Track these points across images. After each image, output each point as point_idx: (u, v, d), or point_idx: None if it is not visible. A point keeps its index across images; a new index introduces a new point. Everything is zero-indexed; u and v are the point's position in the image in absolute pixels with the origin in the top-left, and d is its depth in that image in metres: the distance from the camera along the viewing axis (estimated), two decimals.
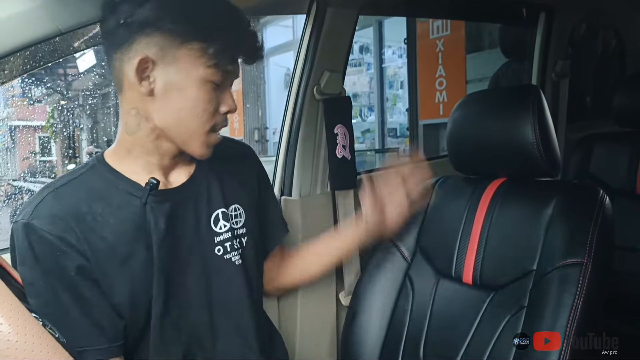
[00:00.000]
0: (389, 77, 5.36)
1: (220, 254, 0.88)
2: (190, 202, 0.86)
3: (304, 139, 1.27)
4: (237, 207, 0.93)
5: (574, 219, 0.91)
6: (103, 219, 0.77)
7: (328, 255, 1.12)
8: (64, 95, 4.10)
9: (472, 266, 1.00)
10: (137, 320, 0.80)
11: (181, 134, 0.81)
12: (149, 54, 0.75)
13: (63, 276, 0.74)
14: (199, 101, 0.78)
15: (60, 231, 0.73)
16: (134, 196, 0.80)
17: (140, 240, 0.79)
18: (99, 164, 0.82)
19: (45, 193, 0.77)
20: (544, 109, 0.97)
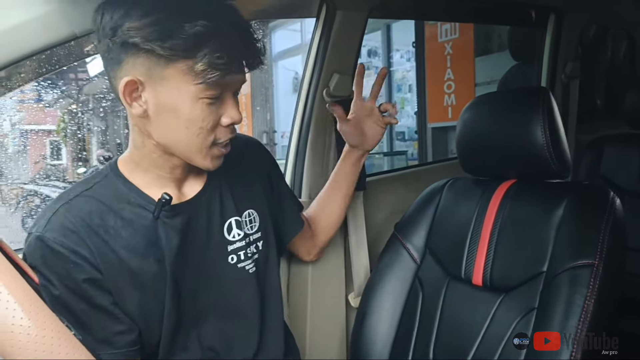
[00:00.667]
0: (397, 81, 5.35)
1: (234, 263, 0.88)
2: (203, 213, 0.86)
3: (314, 140, 1.27)
4: (250, 212, 0.93)
5: (584, 220, 0.90)
6: (115, 232, 0.77)
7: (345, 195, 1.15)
8: (75, 99, 4.14)
9: (482, 268, 1.00)
10: (150, 330, 0.81)
11: (182, 151, 0.79)
12: (136, 75, 0.73)
13: (76, 287, 0.74)
14: (193, 120, 0.75)
15: (72, 244, 0.74)
16: (146, 210, 0.80)
17: (152, 254, 0.79)
18: (112, 173, 0.82)
19: (58, 205, 0.77)
20: (553, 111, 0.97)
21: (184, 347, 0.85)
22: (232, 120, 0.79)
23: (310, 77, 1.26)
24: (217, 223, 0.87)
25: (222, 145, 0.80)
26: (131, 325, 0.78)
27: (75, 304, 0.74)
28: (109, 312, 0.76)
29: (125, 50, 0.72)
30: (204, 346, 0.86)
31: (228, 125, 0.79)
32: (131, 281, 0.78)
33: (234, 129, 0.82)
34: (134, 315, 0.79)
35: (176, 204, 0.82)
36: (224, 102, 0.78)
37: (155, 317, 0.80)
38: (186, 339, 0.85)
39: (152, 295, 0.79)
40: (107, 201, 0.79)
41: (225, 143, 0.81)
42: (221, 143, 0.80)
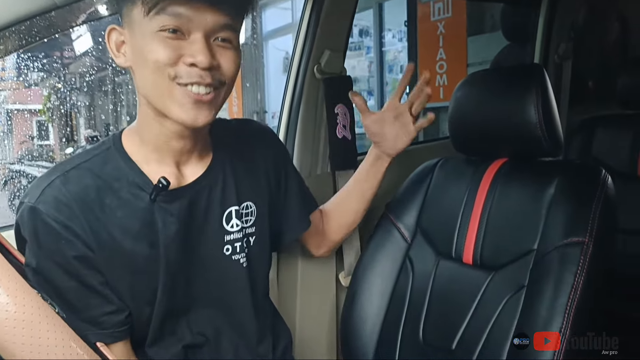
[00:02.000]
0: (389, 61, 5.32)
1: (229, 254, 0.86)
2: (202, 199, 0.83)
3: (304, 118, 1.26)
4: (249, 204, 0.89)
5: (576, 198, 0.90)
6: (110, 211, 0.75)
7: (362, 194, 1.09)
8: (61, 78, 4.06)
9: (472, 246, 1.00)
10: (139, 313, 0.79)
11: (153, 97, 0.73)
12: (116, 25, 0.74)
13: (66, 264, 0.72)
14: (153, 52, 0.70)
15: (65, 218, 0.72)
16: (143, 191, 0.77)
17: (146, 238, 0.77)
18: (114, 147, 0.79)
19: (53, 176, 0.74)
20: (547, 89, 0.96)
21: (172, 332, 0.84)
22: (192, 60, 0.70)
23: (300, 54, 1.24)
24: (217, 211, 0.85)
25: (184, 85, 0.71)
26: (120, 305, 0.77)
27: (63, 281, 0.72)
28: (98, 292, 0.75)
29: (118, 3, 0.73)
30: (194, 332, 0.85)
31: (190, 65, 0.70)
32: (122, 262, 0.76)
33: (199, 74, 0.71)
34: (124, 296, 0.77)
35: (175, 189, 0.79)
36: (190, 43, 0.70)
37: (145, 300, 0.79)
38: (175, 323, 0.84)
39: (143, 279, 0.78)
40: (105, 177, 0.76)
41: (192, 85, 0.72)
42: (183, 83, 0.71)
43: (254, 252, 0.90)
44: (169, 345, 0.83)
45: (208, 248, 0.84)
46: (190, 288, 0.84)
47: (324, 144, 1.29)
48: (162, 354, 0.82)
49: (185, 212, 0.80)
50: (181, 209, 0.80)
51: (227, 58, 0.74)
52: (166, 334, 0.83)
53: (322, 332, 1.33)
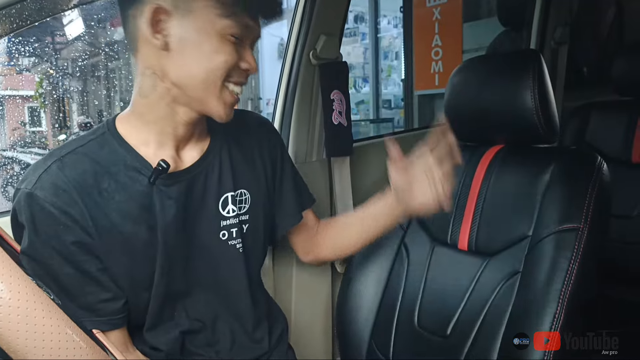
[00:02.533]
0: (384, 48, 5.29)
1: (225, 239, 0.86)
2: (199, 183, 0.83)
3: (300, 104, 1.24)
4: (244, 191, 0.89)
5: (571, 185, 0.90)
6: (109, 195, 0.74)
7: (364, 230, 1.00)
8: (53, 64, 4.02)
9: (467, 233, 1.00)
10: (137, 298, 0.79)
11: (197, 89, 0.76)
12: (162, 4, 0.71)
13: (64, 250, 0.72)
14: (216, 54, 0.74)
15: (63, 204, 0.71)
16: (141, 174, 0.76)
17: (145, 221, 0.77)
18: (109, 132, 0.78)
19: (50, 162, 0.73)
20: (544, 75, 0.96)
21: (170, 317, 0.84)
22: (249, 66, 0.78)
23: (296, 39, 1.23)
24: (213, 196, 0.85)
25: (234, 84, 0.78)
26: (117, 292, 0.77)
27: (60, 267, 0.72)
28: (95, 279, 0.75)
29: None
30: (191, 317, 0.85)
31: (244, 70, 0.78)
32: (121, 247, 0.75)
33: (247, 77, 0.80)
34: (122, 281, 0.77)
35: (173, 172, 0.79)
36: (244, 48, 0.77)
37: (143, 285, 0.79)
38: (172, 309, 0.84)
39: (141, 262, 0.78)
40: (102, 161, 0.75)
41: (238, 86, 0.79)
42: (233, 82, 0.78)
43: (248, 239, 0.90)
44: (166, 330, 0.83)
45: (204, 232, 0.84)
46: (188, 272, 0.84)
47: (319, 131, 1.29)
48: (160, 339, 0.83)
49: (183, 196, 0.80)
50: (179, 192, 0.80)
51: None
52: (164, 319, 0.83)
53: (318, 319, 1.34)
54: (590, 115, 1.63)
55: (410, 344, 1.01)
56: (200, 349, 0.87)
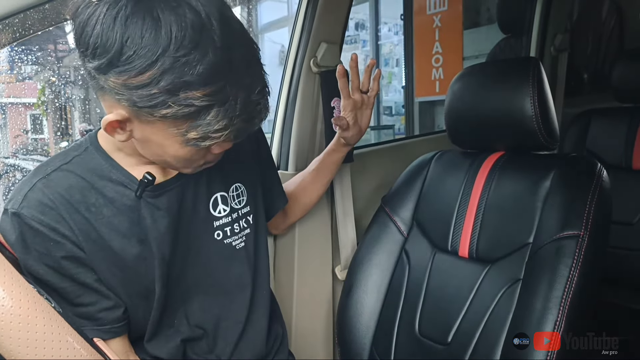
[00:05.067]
0: (385, 55, 5.30)
1: (220, 239, 0.86)
2: (189, 190, 0.83)
3: (301, 112, 1.25)
4: (238, 185, 0.90)
5: (571, 192, 0.90)
6: (97, 210, 0.74)
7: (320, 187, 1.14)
8: (55, 72, 4.03)
9: (468, 240, 1.00)
10: (135, 308, 0.79)
11: (161, 163, 0.75)
12: (121, 113, 0.64)
13: (57, 265, 0.71)
14: (180, 157, 0.70)
15: (52, 221, 0.71)
16: (128, 189, 0.76)
17: (135, 235, 0.76)
18: (92, 147, 0.77)
19: (35, 180, 0.73)
20: (543, 82, 0.96)
21: (170, 325, 0.84)
22: (222, 149, 0.73)
23: (297, 47, 1.23)
24: (204, 199, 0.85)
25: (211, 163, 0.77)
26: (117, 301, 0.77)
27: (57, 282, 0.72)
28: (93, 289, 0.75)
29: (110, 89, 0.61)
30: (192, 324, 0.85)
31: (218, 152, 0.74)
32: (113, 261, 0.75)
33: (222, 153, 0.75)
34: (118, 293, 0.77)
35: (160, 183, 0.79)
36: None
37: (139, 296, 0.79)
38: (173, 316, 0.84)
39: (135, 275, 0.77)
40: (87, 177, 0.75)
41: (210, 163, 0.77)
42: (211, 163, 0.77)
43: (253, 229, 0.91)
44: (167, 339, 0.83)
45: (199, 236, 0.84)
46: (187, 279, 0.84)
47: (320, 138, 1.29)
48: (161, 349, 0.83)
49: (174, 205, 0.80)
50: (170, 202, 0.79)
51: None
52: (164, 327, 0.83)
53: (318, 325, 1.33)
54: (591, 122, 1.63)
55: (411, 351, 1.01)
56: (201, 356, 0.86)
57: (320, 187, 1.15)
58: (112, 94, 0.61)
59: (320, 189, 1.15)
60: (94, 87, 0.64)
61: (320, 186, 1.14)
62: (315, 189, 1.15)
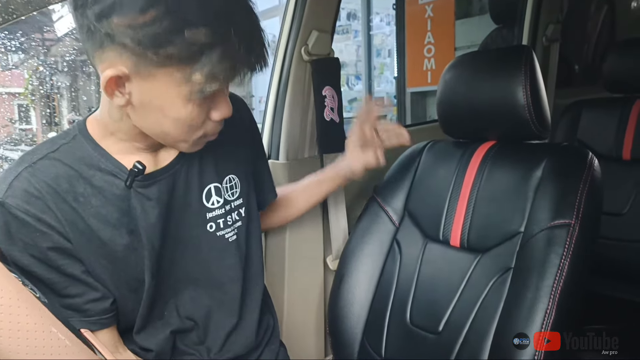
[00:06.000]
0: (377, 45, 5.28)
1: (213, 231, 0.85)
2: (180, 180, 0.81)
3: (292, 101, 1.24)
4: (232, 177, 0.88)
5: (563, 181, 0.90)
6: (85, 200, 0.72)
7: (313, 196, 1.12)
8: (42, 61, 3.97)
9: (459, 229, 1.00)
10: (124, 300, 0.78)
11: (165, 140, 0.74)
12: (121, 68, 0.63)
13: (43, 257, 0.70)
14: (181, 119, 0.69)
15: (38, 211, 0.69)
16: (117, 178, 0.74)
17: (124, 225, 0.75)
18: (80, 134, 0.75)
19: (20, 168, 0.71)
20: (535, 70, 0.96)
21: (160, 316, 0.83)
22: (222, 116, 0.73)
23: (287, 35, 1.22)
24: (196, 190, 0.83)
25: (209, 136, 0.76)
26: (105, 292, 0.75)
27: (43, 273, 0.70)
28: (81, 280, 0.73)
29: (110, 40, 0.62)
30: (182, 316, 0.84)
31: (218, 120, 0.74)
32: (102, 252, 0.74)
33: (221, 123, 0.76)
34: (107, 284, 0.76)
35: (151, 172, 0.77)
36: (215, 97, 0.71)
37: (129, 288, 0.78)
38: (163, 308, 0.83)
39: (124, 267, 0.76)
40: (75, 166, 0.73)
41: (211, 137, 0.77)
42: (208, 137, 0.76)
43: (246, 222, 0.90)
44: (156, 331, 0.82)
45: (191, 227, 0.83)
46: (177, 270, 0.82)
47: (311, 127, 1.28)
48: (151, 340, 0.82)
49: (165, 195, 0.78)
50: (160, 192, 0.78)
51: None
52: (154, 319, 0.82)
53: (310, 316, 1.33)
54: (582, 112, 1.64)
55: (402, 341, 1.01)
56: (191, 348, 0.86)
57: (303, 200, 1.11)
58: (115, 43, 0.62)
59: (302, 202, 1.12)
60: (94, 46, 0.64)
61: (302, 199, 1.11)
62: (298, 201, 1.11)
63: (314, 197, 1.12)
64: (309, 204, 1.13)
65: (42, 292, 0.65)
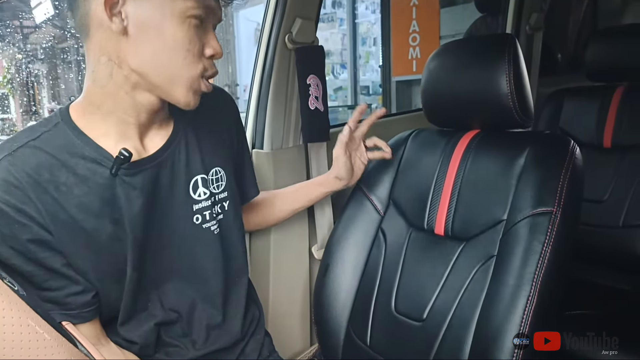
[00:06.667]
0: (362, 34, 5.26)
1: (199, 223, 0.84)
2: (166, 170, 0.80)
3: (276, 90, 1.22)
4: (217, 169, 0.87)
5: (545, 169, 0.91)
6: (67, 189, 0.70)
7: (296, 203, 1.12)
8: (21, 49, 3.88)
9: (444, 217, 1.01)
10: (107, 291, 0.77)
11: (162, 78, 0.72)
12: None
13: (23, 249, 0.68)
14: (179, 40, 0.69)
15: (17, 202, 0.67)
16: (102, 166, 0.73)
17: (108, 214, 0.73)
18: (62, 122, 0.74)
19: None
20: (519, 59, 0.96)
21: (144, 308, 0.82)
22: (214, 51, 0.74)
23: (271, 23, 1.20)
24: (182, 180, 0.82)
25: (206, 79, 0.76)
26: (86, 285, 0.74)
27: (22, 265, 0.69)
28: (61, 274, 0.72)
29: None
30: (166, 307, 0.84)
31: (210, 57, 0.74)
32: (85, 242, 0.72)
33: (214, 65, 0.77)
34: (89, 276, 0.74)
35: (137, 160, 0.75)
36: (206, 32, 0.73)
37: (112, 279, 0.77)
38: (146, 300, 0.82)
39: (108, 257, 0.75)
40: (57, 154, 0.71)
41: (208, 78, 0.76)
42: (207, 76, 0.75)
43: (229, 216, 0.89)
44: (140, 323, 0.82)
45: (177, 219, 0.82)
46: (161, 262, 0.82)
47: (296, 116, 1.27)
48: (134, 332, 0.81)
49: (149, 185, 0.77)
50: (145, 181, 0.76)
51: None
52: (138, 311, 0.81)
53: (295, 305, 1.34)
54: (564, 101, 1.65)
55: (387, 328, 1.01)
56: (175, 340, 0.85)
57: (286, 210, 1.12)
58: None
59: (285, 212, 1.12)
60: None
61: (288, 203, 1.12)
62: (283, 205, 1.11)
63: (299, 201, 1.12)
64: (294, 207, 1.12)
65: (21, 285, 0.64)
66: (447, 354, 0.91)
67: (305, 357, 1.36)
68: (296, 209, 1.12)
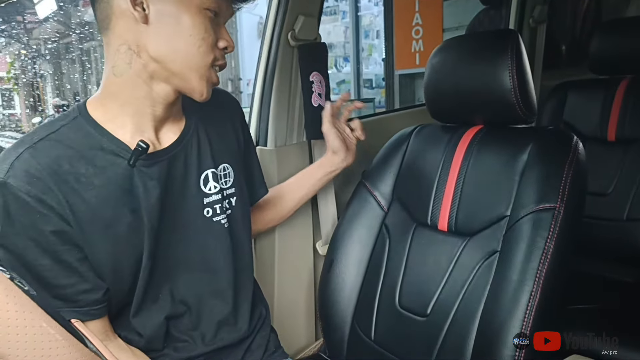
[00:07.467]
0: (365, 27, 5.24)
1: (209, 216, 0.86)
2: (179, 163, 0.83)
3: (279, 87, 1.23)
4: (226, 166, 0.90)
5: (548, 165, 0.91)
6: (87, 180, 0.72)
7: (302, 188, 1.14)
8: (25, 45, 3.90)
9: (447, 213, 1.01)
10: (121, 282, 0.78)
11: (179, 65, 0.75)
12: None
13: (42, 240, 0.70)
14: (196, 29, 0.74)
15: (39, 192, 0.69)
16: (120, 157, 0.75)
17: (127, 204, 0.75)
18: (81, 116, 0.76)
19: (21, 149, 0.70)
20: (521, 55, 0.96)
21: (155, 299, 0.83)
22: (227, 44, 0.79)
23: (274, 20, 1.20)
24: (194, 174, 0.85)
25: (218, 69, 0.80)
26: (96, 283, 0.75)
27: (37, 258, 0.70)
28: (73, 269, 0.73)
29: None
30: (176, 300, 0.85)
31: (223, 49, 0.79)
32: (104, 233, 0.74)
33: (225, 57, 0.81)
34: (105, 268, 0.76)
35: (153, 153, 0.78)
36: (219, 26, 0.78)
37: (128, 270, 0.78)
38: (158, 291, 0.83)
39: (125, 247, 0.77)
40: (76, 146, 0.73)
41: (219, 68, 0.81)
42: (218, 65, 0.79)
43: (236, 212, 0.91)
44: (150, 316, 0.83)
45: (189, 211, 0.84)
46: (173, 253, 0.83)
47: (299, 113, 1.27)
48: (145, 326, 0.82)
49: (165, 176, 0.80)
50: (161, 172, 0.79)
51: None
52: (148, 302, 0.83)
53: (300, 301, 1.35)
54: (568, 94, 1.64)
55: (392, 323, 1.02)
56: (184, 334, 0.87)
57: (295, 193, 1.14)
58: None
59: (297, 196, 1.15)
60: None
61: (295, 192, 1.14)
62: (292, 196, 1.14)
63: (304, 186, 1.15)
64: (301, 194, 1.15)
65: (31, 283, 0.65)
66: (451, 349, 0.92)
67: (310, 352, 1.37)
68: (302, 195, 1.15)
